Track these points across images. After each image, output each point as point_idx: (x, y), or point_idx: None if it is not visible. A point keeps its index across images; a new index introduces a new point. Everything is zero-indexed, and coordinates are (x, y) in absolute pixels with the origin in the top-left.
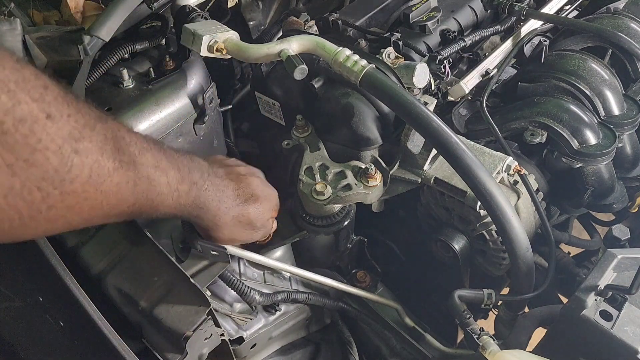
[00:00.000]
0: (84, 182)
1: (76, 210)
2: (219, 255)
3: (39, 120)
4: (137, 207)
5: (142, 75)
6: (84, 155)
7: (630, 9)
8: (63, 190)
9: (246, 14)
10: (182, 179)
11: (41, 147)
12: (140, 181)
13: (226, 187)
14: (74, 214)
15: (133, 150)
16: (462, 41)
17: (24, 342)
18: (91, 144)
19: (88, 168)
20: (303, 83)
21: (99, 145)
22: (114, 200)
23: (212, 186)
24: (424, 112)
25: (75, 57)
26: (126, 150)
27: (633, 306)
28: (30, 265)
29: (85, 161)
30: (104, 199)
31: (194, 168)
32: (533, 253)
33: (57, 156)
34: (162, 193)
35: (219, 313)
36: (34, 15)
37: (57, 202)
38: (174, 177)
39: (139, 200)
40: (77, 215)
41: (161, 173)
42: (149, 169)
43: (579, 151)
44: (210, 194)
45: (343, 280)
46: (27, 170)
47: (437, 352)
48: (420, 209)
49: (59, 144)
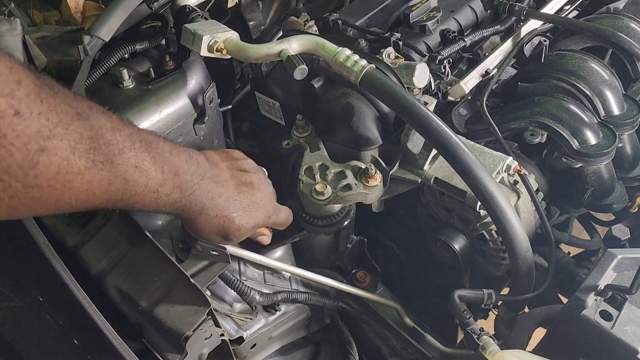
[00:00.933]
0: (49, 178)
1: (41, 202)
2: (219, 255)
3: (6, 116)
4: (111, 203)
5: (142, 75)
6: (52, 153)
7: (630, 9)
8: (26, 184)
9: (246, 14)
10: (164, 182)
11: (5, 143)
12: (116, 181)
13: (219, 195)
14: (38, 206)
15: (112, 150)
16: (462, 41)
17: (24, 342)
18: (62, 142)
19: (55, 166)
20: (303, 83)
21: (71, 144)
22: (83, 197)
23: (202, 191)
24: (424, 112)
25: (75, 57)
26: (104, 149)
27: (633, 306)
28: (30, 265)
29: (52, 159)
30: (72, 196)
31: (186, 170)
32: (533, 253)
33: (22, 152)
34: (139, 193)
35: (219, 313)
36: (34, 15)
37: (20, 194)
38: (154, 179)
39: (113, 198)
40: (41, 206)
41: (140, 174)
42: (128, 168)
43: (579, 151)
44: (196, 199)
45: (343, 280)
46: None
47: (437, 352)
48: (420, 209)
49: (24, 141)
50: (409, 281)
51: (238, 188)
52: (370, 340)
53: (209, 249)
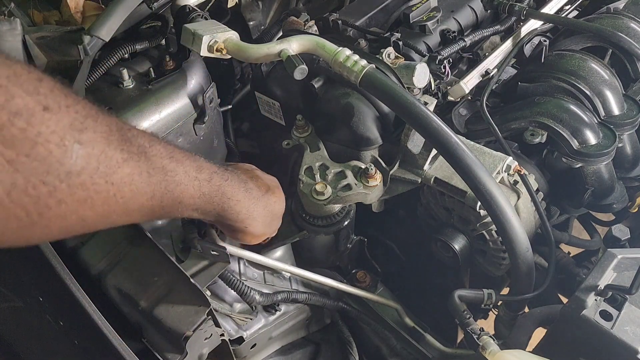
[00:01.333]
0: (92, 173)
1: (88, 204)
2: (219, 255)
3: (36, 113)
4: (157, 200)
5: (142, 75)
6: (89, 146)
7: (630, 9)
8: (70, 183)
9: (246, 14)
10: (199, 168)
11: (42, 140)
12: (155, 172)
13: (246, 180)
14: (86, 208)
15: (142, 142)
16: (462, 41)
17: (24, 342)
18: (95, 134)
19: (95, 159)
20: (303, 83)
21: (104, 136)
22: (127, 192)
23: (233, 175)
24: (424, 112)
25: (75, 57)
26: (134, 141)
27: (633, 306)
28: (30, 265)
29: (91, 152)
30: (116, 192)
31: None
32: (533, 253)
33: (60, 148)
34: (182, 182)
35: (219, 313)
36: (34, 15)
37: (66, 196)
38: (190, 166)
39: (158, 192)
40: (90, 210)
41: (177, 163)
42: (163, 159)
43: (579, 151)
44: (234, 183)
45: (343, 280)
46: (29, 165)
47: (437, 352)
48: (420, 209)
49: (61, 136)
50: (409, 281)
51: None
52: (370, 340)
53: (209, 249)
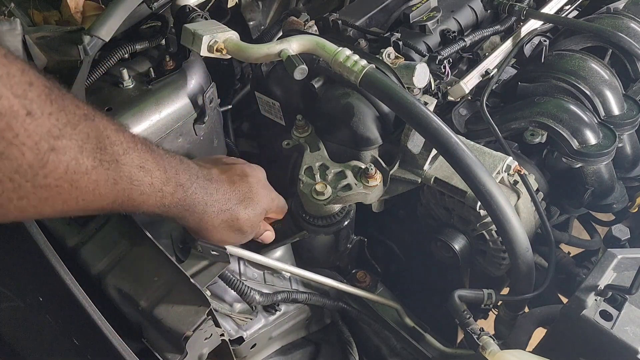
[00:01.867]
0: (58, 177)
1: (49, 202)
2: (219, 255)
3: (19, 116)
4: (117, 204)
5: (142, 75)
6: (62, 152)
7: (630, 9)
8: (36, 184)
9: (246, 14)
10: (167, 180)
11: (17, 142)
12: (122, 180)
13: (216, 190)
14: (46, 206)
15: (117, 150)
16: (462, 41)
17: (24, 342)
18: (70, 142)
19: (64, 165)
20: (303, 83)
21: (79, 144)
22: (90, 196)
23: (200, 189)
24: (424, 112)
25: (75, 57)
26: (109, 149)
27: (633, 306)
28: (30, 265)
29: (62, 158)
30: (79, 195)
31: (182, 170)
32: (533, 253)
33: (33, 152)
34: (145, 193)
35: (219, 313)
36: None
37: (29, 194)
38: (158, 178)
39: (119, 198)
40: (49, 207)
41: (145, 173)
42: (132, 168)
43: (579, 151)
44: (197, 197)
45: (343, 280)
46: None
47: (437, 352)
48: (420, 209)
49: (36, 141)
50: (409, 281)
51: (231, 179)
52: (370, 340)
53: (209, 249)
